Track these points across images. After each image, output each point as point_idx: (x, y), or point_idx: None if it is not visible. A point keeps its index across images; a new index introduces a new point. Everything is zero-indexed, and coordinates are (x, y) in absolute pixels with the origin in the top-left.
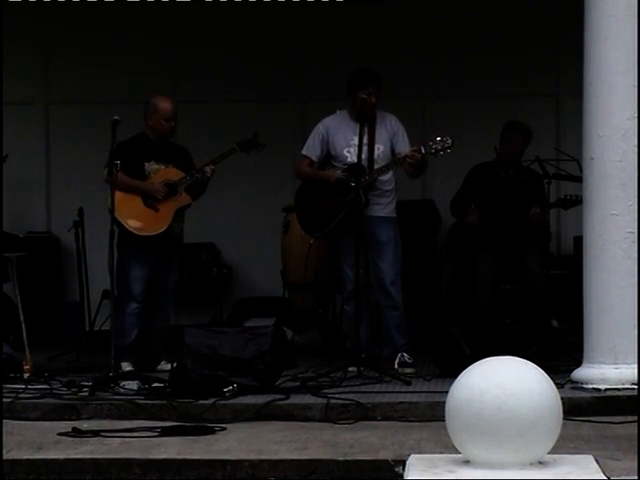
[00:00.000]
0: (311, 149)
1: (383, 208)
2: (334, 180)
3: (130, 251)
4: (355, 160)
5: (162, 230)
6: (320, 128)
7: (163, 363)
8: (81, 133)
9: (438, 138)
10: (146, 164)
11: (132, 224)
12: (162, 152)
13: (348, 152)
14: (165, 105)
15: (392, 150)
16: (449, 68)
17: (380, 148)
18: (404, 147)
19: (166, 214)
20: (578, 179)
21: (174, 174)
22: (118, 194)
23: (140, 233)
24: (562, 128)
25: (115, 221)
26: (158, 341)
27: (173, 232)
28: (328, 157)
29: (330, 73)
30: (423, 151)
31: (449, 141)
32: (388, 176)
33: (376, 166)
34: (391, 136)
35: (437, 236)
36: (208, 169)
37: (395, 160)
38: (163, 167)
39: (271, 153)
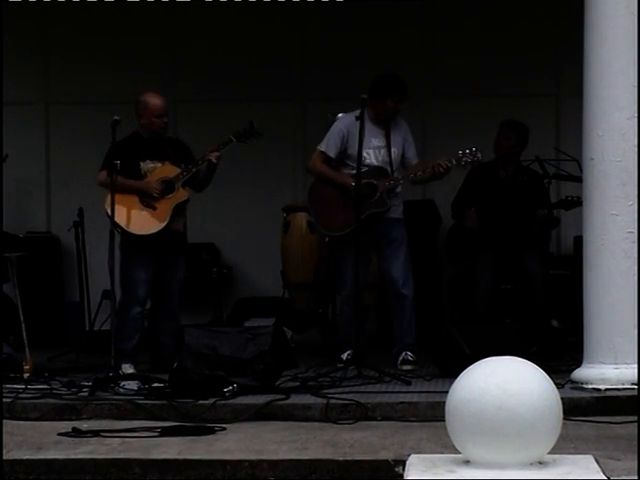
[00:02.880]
0: (331, 146)
1: (395, 209)
2: (351, 189)
3: (133, 254)
4: (374, 162)
5: (161, 228)
6: (340, 126)
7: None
8: (81, 133)
9: (468, 151)
10: (141, 163)
11: (129, 225)
12: (156, 150)
13: (367, 153)
14: (155, 102)
15: (403, 155)
16: (449, 68)
17: (395, 152)
18: (411, 153)
19: (164, 211)
20: (578, 179)
21: (170, 171)
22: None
23: (139, 233)
24: (562, 128)
25: (114, 224)
26: (170, 341)
27: (174, 230)
28: (342, 155)
29: (330, 73)
30: (454, 162)
31: (479, 155)
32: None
33: (393, 169)
34: (403, 141)
35: (437, 236)
36: (213, 157)
37: (430, 167)
38: (159, 165)
39: (271, 153)
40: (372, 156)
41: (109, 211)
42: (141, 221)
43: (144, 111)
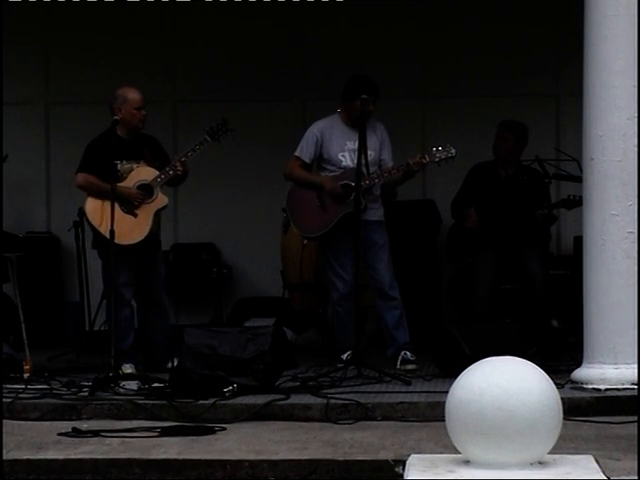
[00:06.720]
0: (305, 151)
1: (375, 212)
2: (329, 188)
3: (114, 258)
4: (350, 164)
5: (144, 237)
6: (314, 131)
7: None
8: (81, 133)
9: (440, 147)
10: (118, 164)
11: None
12: (132, 148)
13: (342, 156)
14: (134, 95)
15: (379, 157)
16: (449, 68)
17: (371, 154)
18: (388, 156)
19: (145, 219)
20: (578, 179)
21: (146, 173)
22: (92, 201)
23: (121, 242)
24: (562, 128)
25: (93, 229)
26: (162, 339)
27: (152, 233)
28: (319, 160)
29: (330, 73)
30: (427, 159)
31: (452, 151)
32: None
33: (369, 171)
34: (380, 143)
35: (437, 236)
36: (178, 168)
37: (403, 165)
38: (135, 165)
39: (271, 153)
40: (348, 159)
41: (89, 217)
42: (123, 230)
43: (123, 104)
